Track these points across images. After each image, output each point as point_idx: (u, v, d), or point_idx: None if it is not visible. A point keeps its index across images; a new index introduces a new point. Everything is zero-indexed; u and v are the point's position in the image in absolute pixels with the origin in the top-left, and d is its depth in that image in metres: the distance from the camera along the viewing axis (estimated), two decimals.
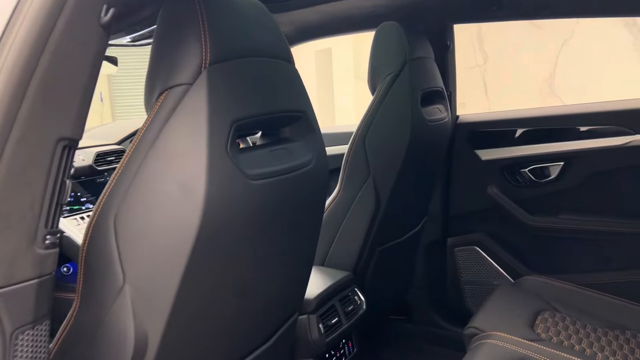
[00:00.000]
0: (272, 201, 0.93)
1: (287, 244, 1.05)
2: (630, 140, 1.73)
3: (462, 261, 2.08)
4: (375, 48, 1.66)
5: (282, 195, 0.95)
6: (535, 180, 1.92)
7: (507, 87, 4.68)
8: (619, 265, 1.82)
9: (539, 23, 4.28)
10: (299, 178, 0.98)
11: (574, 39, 4.43)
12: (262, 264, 0.99)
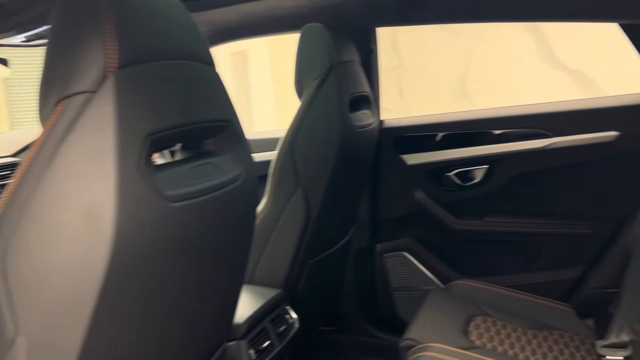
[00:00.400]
0: (196, 225, 0.81)
1: (215, 269, 0.94)
2: (550, 142, 1.77)
3: (391, 267, 2.05)
4: (300, 51, 1.58)
5: (208, 217, 0.84)
6: (461, 184, 1.92)
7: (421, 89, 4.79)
8: (543, 265, 1.86)
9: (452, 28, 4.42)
10: (227, 196, 0.87)
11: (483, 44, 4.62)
12: (186, 293, 0.87)
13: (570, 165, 1.79)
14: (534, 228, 1.84)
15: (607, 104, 1.77)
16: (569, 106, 1.80)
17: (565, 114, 1.79)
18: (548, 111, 1.81)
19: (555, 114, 1.80)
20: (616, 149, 1.72)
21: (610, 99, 1.81)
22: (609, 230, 1.77)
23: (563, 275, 1.84)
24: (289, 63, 1.66)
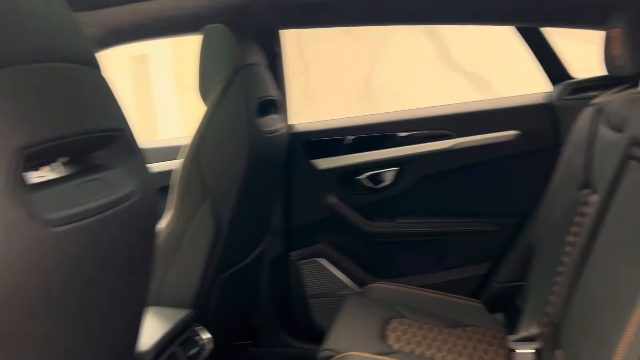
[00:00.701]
0: (84, 251, 0.71)
1: (112, 295, 0.83)
2: (455, 143, 1.81)
3: (307, 274, 2.00)
4: (203, 53, 1.48)
5: (99, 241, 0.73)
6: (372, 187, 1.92)
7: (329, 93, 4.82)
8: (454, 263, 1.90)
9: (355, 33, 4.48)
10: (120, 216, 0.77)
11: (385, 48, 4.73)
12: (78, 328, 0.76)
13: (475, 164, 1.84)
14: (444, 227, 1.88)
15: (507, 105, 1.84)
16: (471, 107, 1.86)
17: (468, 115, 1.84)
18: (452, 113, 1.86)
19: (459, 115, 1.85)
20: (516, 147, 1.79)
21: (509, 99, 1.89)
22: (513, 226, 1.84)
23: (472, 272, 1.89)
24: (193, 65, 1.57)
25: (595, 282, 1.15)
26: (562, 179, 1.57)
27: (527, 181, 1.82)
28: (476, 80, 4.60)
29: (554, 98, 1.80)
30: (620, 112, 1.34)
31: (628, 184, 1.15)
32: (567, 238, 1.45)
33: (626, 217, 1.11)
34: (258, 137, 1.51)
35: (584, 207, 1.45)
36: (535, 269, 1.59)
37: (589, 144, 1.48)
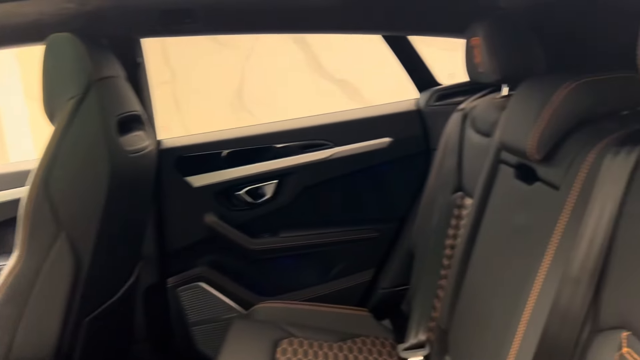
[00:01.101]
0: None
1: None
2: (332, 152, 1.79)
3: (187, 301, 1.86)
4: (47, 66, 1.28)
5: None
6: (252, 202, 1.84)
7: (199, 103, 4.65)
8: (340, 273, 1.89)
9: (224, 40, 4.37)
10: None
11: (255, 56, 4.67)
12: None
13: (353, 173, 1.84)
14: (327, 238, 1.85)
15: (379, 113, 1.86)
16: (346, 116, 1.86)
17: (344, 124, 1.84)
18: (328, 122, 1.84)
19: (335, 124, 1.83)
20: (391, 154, 1.82)
21: (382, 107, 1.92)
22: (393, 232, 1.87)
23: (358, 280, 1.88)
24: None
25: (478, 284, 1.17)
26: (436, 183, 1.61)
27: (403, 186, 1.86)
28: (346, 87, 4.72)
29: (422, 105, 1.85)
30: (487, 117, 1.40)
31: (500, 186, 1.19)
32: (446, 241, 1.49)
33: (500, 218, 1.15)
34: (120, 158, 1.35)
35: (458, 209, 1.50)
36: (417, 274, 1.62)
37: (459, 149, 1.54)
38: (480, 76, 1.38)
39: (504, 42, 1.29)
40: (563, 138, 0.95)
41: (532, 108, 0.98)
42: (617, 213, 0.76)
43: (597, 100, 0.93)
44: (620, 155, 0.78)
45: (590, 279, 0.78)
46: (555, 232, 0.87)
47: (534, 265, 0.90)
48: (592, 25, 1.29)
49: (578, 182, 0.85)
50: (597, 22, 1.27)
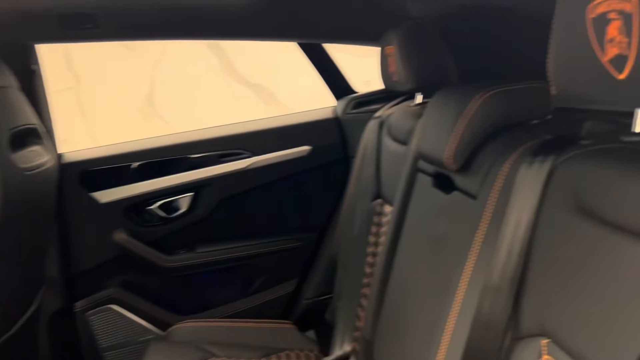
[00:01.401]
0: None
1: None
2: (251, 162, 1.74)
3: (98, 326, 1.73)
4: None
5: None
6: (166, 216, 1.75)
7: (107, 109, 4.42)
8: (263, 285, 1.83)
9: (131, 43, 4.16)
10: None
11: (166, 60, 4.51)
12: None
13: (272, 182, 1.80)
14: (248, 250, 1.80)
15: (298, 121, 1.84)
16: (264, 125, 1.81)
17: (262, 133, 1.79)
18: (246, 131, 1.79)
19: (253, 133, 1.78)
20: (310, 162, 1.80)
21: (300, 115, 1.90)
22: (315, 241, 1.84)
23: (281, 292, 1.84)
24: None
25: (401, 294, 1.17)
26: (356, 190, 1.61)
27: (324, 195, 1.85)
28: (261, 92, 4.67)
29: (339, 113, 1.85)
30: (403, 125, 1.41)
31: (418, 194, 1.20)
32: (367, 249, 1.48)
33: (420, 227, 1.16)
34: (13, 176, 1.22)
35: (378, 216, 1.51)
36: (340, 282, 1.60)
37: (377, 156, 1.54)
38: (395, 84, 1.40)
39: (417, 52, 1.30)
40: (478, 148, 0.97)
41: (448, 118, 0.99)
42: (533, 222, 0.78)
43: (509, 110, 0.95)
44: (534, 165, 0.80)
45: (510, 287, 0.79)
46: (474, 242, 0.88)
47: (456, 275, 0.91)
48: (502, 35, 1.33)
49: (495, 192, 0.87)
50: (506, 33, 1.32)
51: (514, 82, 0.96)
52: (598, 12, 0.61)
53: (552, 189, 0.77)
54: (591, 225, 0.69)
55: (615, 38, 0.60)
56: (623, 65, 0.59)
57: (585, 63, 0.64)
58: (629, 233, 0.63)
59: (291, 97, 4.38)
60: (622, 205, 0.65)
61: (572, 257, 0.71)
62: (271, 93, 4.68)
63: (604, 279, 0.64)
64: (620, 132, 0.74)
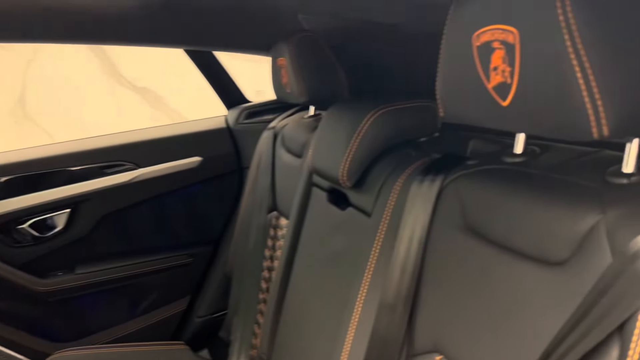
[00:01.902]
0: None
1: None
2: (137, 174, 1.63)
3: None
4: None
5: None
6: (40, 236, 1.58)
7: None
8: (152, 305, 1.72)
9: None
10: None
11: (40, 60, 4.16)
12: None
13: (161, 195, 1.70)
14: (134, 269, 1.68)
15: (188, 130, 1.75)
16: (152, 135, 1.71)
17: (149, 143, 1.68)
18: (131, 141, 1.67)
19: (139, 143, 1.67)
20: (202, 173, 1.73)
21: (190, 125, 1.81)
22: (209, 256, 1.78)
23: (172, 311, 1.75)
24: None
25: (298, 311, 1.16)
26: (251, 202, 1.57)
27: (217, 207, 1.78)
28: (148, 96, 4.46)
29: (231, 123, 1.80)
30: (297, 137, 1.40)
31: (314, 209, 1.19)
32: (263, 263, 1.45)
33: (316, 242, 1.15)
34: None
35: (274, 229, 1.48)
36: (235, 298, 1.55)
37: (271, 168, 1.52)
38: (288, 96, 1.38)
39: (310, 65, 1.30)
40: (371, 165, 0.98)
41: (341, 135, 0.99)
42: (425, 239, 0.80)
43: (400, 128, 0.97)
44: (425, 184, 0.82)
45: (405, 305, 0.80)
46: (370, 259, 0.88)
47: (352, 293, 0.91)
48: (393, 52, 1.37)
49: (388, 210, 0.88)
50: (396, 50, 1.35)
51: (404, 101, 0.98)
52: (483, 41, 0.63)
53: (442, 208, 0.79)
54: (478, 243, 0.71)
55: (499, 67, 0.62)
56: (506, 93, 0.61)
57: (472, 88, 0.66)
58: (511, 251, 0.66)
59: (181, 102, 4.22)
60: (504, 225, 0.68)
61: (461, 274, 0.73)
62: (159, 97, 4.49)
63: (491, 295, 0.67)
64: (503, 153, 0.78)
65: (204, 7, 1.23)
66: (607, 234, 0.54)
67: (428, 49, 1.30)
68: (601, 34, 0.51)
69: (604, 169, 0.62)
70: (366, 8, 1.15)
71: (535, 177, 0.69)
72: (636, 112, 0.52)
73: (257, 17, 1.35)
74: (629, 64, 0.51)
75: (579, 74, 0.51)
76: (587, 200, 0.58)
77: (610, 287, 0.50)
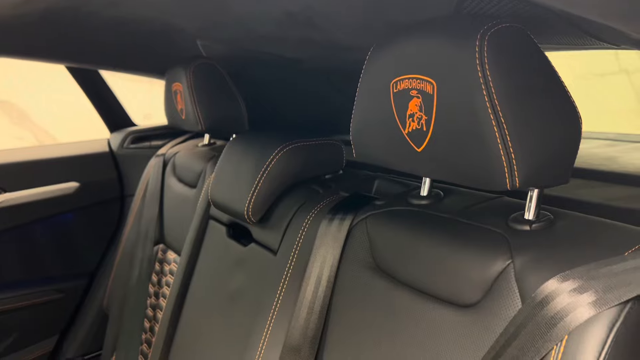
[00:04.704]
0: None
1: None
2: (3, 199, 1.45)
3: None
4: None
5: None
6: None
7: None
8: (11, 348, 1.51)
9: None
10: None
11: None
12: None
13: (31, 223, 1.53)
14: None
15: (65, 154, 1.60)
16: (22, 156, 1.53)
17: (18, 166, 1.51)
18: None
19: (8, 165, 1.49)
20: (78, 200, 1.58)
21: (68, 147, 1.65)
22: (82, 290, 1.62)
23: (38, 352, 1.55)
24: None
25: (191, 350, 1.08)
26: (134, 233, 1.47)
27: (94, 237, 1.64)
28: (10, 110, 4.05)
29: (115, 146, 1.68)
30: (190, 166, 1.34)
31: (211, 244, 1.14)
32: (147, 300, 1.35)
33: (213, 280, 1.09)
34: None
35: (160, 264, 1.39)
36: (113, 338, 1.42)
37: (160, 198, 1.43)
38: (183, 123, 1.32)
39: (208, 92, 1.26)
40: (277, 201, 0.96)
41: (247, 170, 0.96)
42: (333, 278, 0.79)
43: (307, 164, 0.97)
44: (334, 223, 0.81)
45: (310, 347, 0.79)
46: (276, 298, 0.86)
47: (255, 333, 0.87)
48: (291, 84, 1.37)
49: (296, 248, 0.86)
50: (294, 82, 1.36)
51: (310, 138, 0.98)
52: (400, 88, 0.65)
53: (351, 248, 0.79)
54: (388, 284, 0.72)
55: (415, 114, 0.64)
56: (422, 139, 0.63)
57: (387, 131, 0.67)
58: (423, 293, 0.68)
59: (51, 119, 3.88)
60: (415, 266, 0.70)
61: (371, 314, 0.73)
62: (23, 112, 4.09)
63: (403, 336, 0.68)
64: (409, 195, 0.81)
65: (92, 24, 1.14)
66: (516, 279, 0.57)
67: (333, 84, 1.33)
68: (514, 93, 0.55)
69: (506, 215, 0.67)
70: (268, 42, 1.15)
71: (442, 221, 0.72)
72: (541, 166, 0.56)
73: (152, 40, 1.28)
74: (537, 122, 0.56)
75: (495, 128, 0.54)
76: (495, 245, 0.62)
77: (521, 331, 0.53)
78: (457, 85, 0.57)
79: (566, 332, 0.49)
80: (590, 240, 0.59)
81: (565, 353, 0.49)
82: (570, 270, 0.52)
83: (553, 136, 0.57)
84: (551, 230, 0.62)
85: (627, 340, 0.48)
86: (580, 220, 0.64)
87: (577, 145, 0.59)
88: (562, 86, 0.58)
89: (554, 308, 0.50)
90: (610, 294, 0.49)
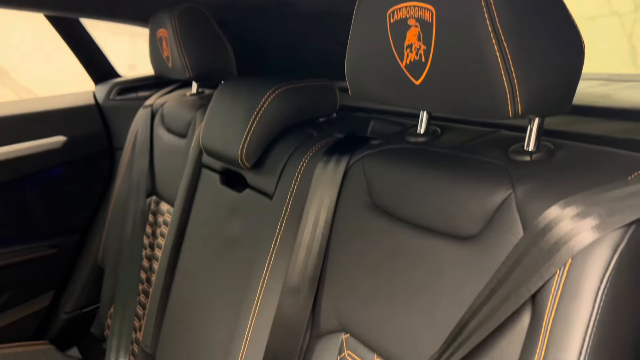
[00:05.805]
0: None
1: None
2: None
3: None
4: None
5: None
6: None
7: None
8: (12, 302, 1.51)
9: None
10: None
11: None
12: None
13: (18, 179, 1.50)
14: None
15: (50, 107, 1.56)
16: (6, 110, 1.49)
17: (4, 120, 1.47)
18: None
19: None
20: (66, 155, 1.55)
21: (52, 100, 1.61)
22: (75, 245, 1.61)
23: (34, 308, 1.56)
24: None
25: (188, 301, 1.09)
26: (126, 186, 1.45)
27: (84, 192, 1.62)
28: None
29: (101, 99, 1.64)
30: (179, 116, 1.31)
31: (204, 192, 1.13)
32: (142, 252, 1.35)
33: (208, 228, 1.09)
34: None
35: (153, 215, 1.38)
36: (109, 290, 1.43)
37: (149, 149, 1.41)
38: (169, 71, 1.29)
39: (195, 38, 1.22)
40: (270, 145, 0.94)
41: (238, 114, 0.94)
42: (331, 219, 0.79)
43: (300, 107, 0.95)
44: (330, 164, 0.80)
45: (310, 287, 0.79)
46: (273, 242, 0.85)
47: (254, 277, 0.87)
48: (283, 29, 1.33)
49: (292, 191, 0.85)
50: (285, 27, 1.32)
51: (303, 80, 0.96)
52: (397, 18, 0.63)
53: (347, 188, 0.78)
54: (387, 222, 0.72)
55: (413, 44, 0.62)
56: (420, 71, 0.62)
57: (383, 66, 0.65)
58: (422, 228, 0.67)
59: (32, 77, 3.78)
60: (414, 203, 0.69)
61: (370, 253, 0.73)
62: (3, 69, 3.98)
63: (403, 272, 0.68)
64: (406, 133, 0.80)
65: None
66: (518, 209, 0.57)
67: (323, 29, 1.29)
68: (517, 16, 0.53)
69: (505, 147, 0.66)
70: None
71: (441, 156, 0.71)
72: (543, 93, 0.55)
73: None
74: (540, 47, 0.54)
75: (497, 53, 0.52)
76: (496, 176, 0.61)
77: (523, 258, 0.53)
78: (458, 11, 0.55)
79: (570, 256, 0.49)
80: (592, 167, 0.58)
81: (568, 277, 0.49)
82: (573, 196, 0.52)
83: (556, 62, 0.55)
84: (552, 159, 0.61)
85: (632, 260, 0.48)
86: (582, 149, 0.63)
87: (579, 72, 0.58)
88: (566, 11, 0.56)
89: (557, 234, 0.50)
90: (613, 218, 0.49)
